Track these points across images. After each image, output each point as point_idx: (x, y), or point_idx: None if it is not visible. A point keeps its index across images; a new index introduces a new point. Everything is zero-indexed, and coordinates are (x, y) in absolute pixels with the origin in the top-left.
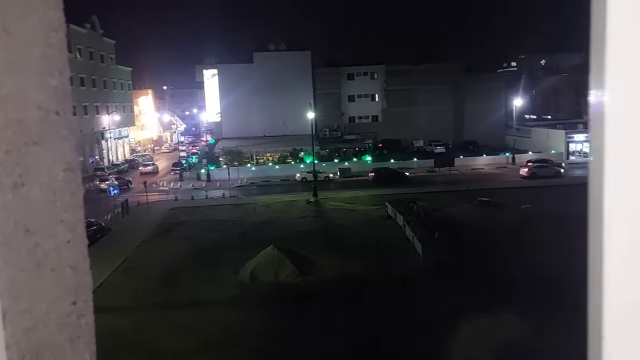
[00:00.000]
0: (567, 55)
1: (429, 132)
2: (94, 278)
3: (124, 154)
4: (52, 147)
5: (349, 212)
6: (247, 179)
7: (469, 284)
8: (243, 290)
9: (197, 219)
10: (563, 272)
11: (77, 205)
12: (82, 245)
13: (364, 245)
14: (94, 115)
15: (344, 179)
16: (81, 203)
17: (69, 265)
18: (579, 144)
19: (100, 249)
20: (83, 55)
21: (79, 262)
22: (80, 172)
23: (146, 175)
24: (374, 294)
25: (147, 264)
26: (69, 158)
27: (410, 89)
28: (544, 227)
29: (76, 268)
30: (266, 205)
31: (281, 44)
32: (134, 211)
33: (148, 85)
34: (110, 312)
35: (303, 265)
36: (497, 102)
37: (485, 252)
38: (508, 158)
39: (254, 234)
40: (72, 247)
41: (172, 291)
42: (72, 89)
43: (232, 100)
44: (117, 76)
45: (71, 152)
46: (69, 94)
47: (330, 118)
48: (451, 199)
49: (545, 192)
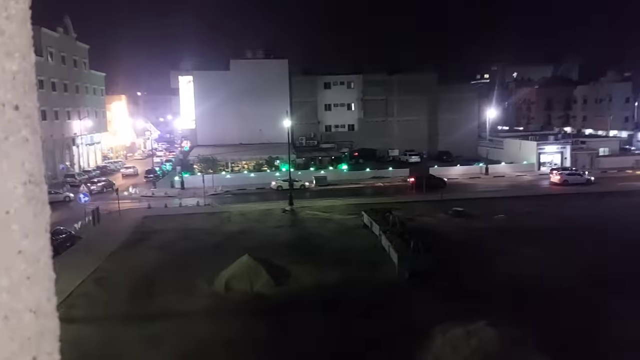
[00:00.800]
0: (538, 67)
1: (404, 141)
2: (63, 288)
3: (95, 160)
4: (7, 153)
5: (325, 221)
6: (222, 187)
7: (443, 294)
8: (217, 300)
9: (171, 228)
10: (532, 284)
11: (41, 229)
12: (47, 282)
13: (340, 255)
14: (65, 120)
15: (320, 188)
16: (46, 226)
17: (28, 309)
18: (549, 155)
19: (70, 258)
20: (55, 59)
21: (42, 303)
22: (46, 183)
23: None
24: (350, 305)
25: (118, 274)
26: (31, 167)
27: (386, 99)
28: (517, 238)
29: (38, 312)
30: (241, 214)
31: (258, 52)
32: (106, 219)
33: (122, 91)
34: (79, 323)
35: (279, 276)
36: (471, 113)
37: (459, 262)
38: (481, 168)
39: (229, 243)
40: (34, 285)
41: (144, 302)
42: (43, 93)
43: (207, 107)
44: (90, 81)
45: (34, 159)
46: (34, 85)
47: (306, 126)
48: (426, 209)
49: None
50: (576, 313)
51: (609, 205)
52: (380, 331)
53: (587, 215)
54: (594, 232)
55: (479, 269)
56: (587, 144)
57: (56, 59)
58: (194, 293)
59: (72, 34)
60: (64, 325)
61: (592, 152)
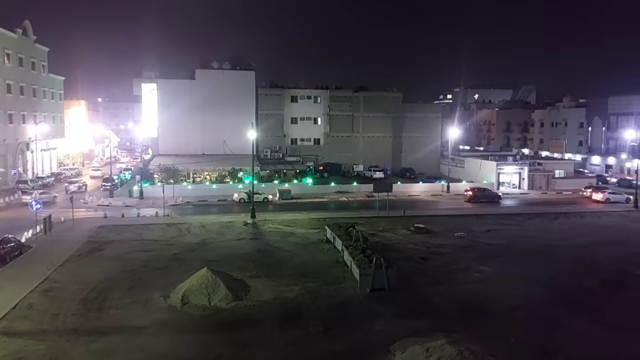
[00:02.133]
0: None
1: (369, 157)
2: (7, 300)
3: (50, 166)
4: None
5: (288, 235)
6: (182, 198)
7: (403, 311)
8: (173, 315)
9: (127, 239)
10: (492, 301)
11: None
12: None
13: (302, 269)
14: (20, 124)
15: (283, 201)
16: None
17: None
18: (508, 175)
19: (18, 267)
20: (12, 60)
21: None
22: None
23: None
24: (310, 321)
25: (69, 285)
26: None
27: (352, 115)
28: (477, 255)
29: None
30: (202, 225)
31: (225, 63)
32: (58, 228)
33: (81, 96)
34: (23, 337)
35: (238, 290)
36: (434, 131)
37: (420, 278)
38: (443, 186)
39: (188, 255)
40: None
41: (95, 315)
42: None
43: (171, 115)
44: (48, 85)
45: None
46: None
47: (272, 139)
48: (389, 224)
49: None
50: (534, 330)
51: (566, 224)
52: (340, 348)
53: (546, 234)
54: (552, 250)
55: (440, 285)
56: (543, 165)
57: (13, 61)
58: (149, 306)
59: (32, 36)
60: (7, 339)
61: (549, 173)
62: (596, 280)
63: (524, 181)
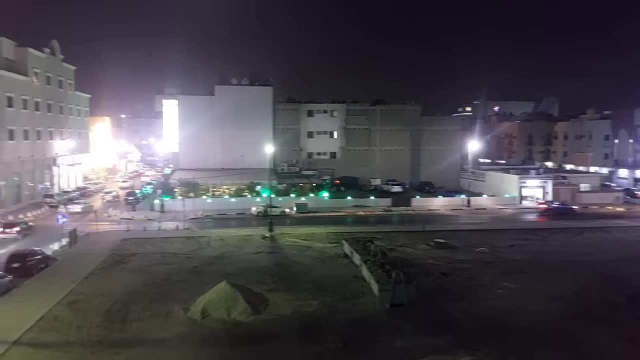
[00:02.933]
0: (520, 103)
1: (387, 171)
2: (34, 312)
3: (75, 181)
4: None
5: (305, 249)
6: (202, 211)
7: (423, 327)
8: (193, 328)
9: (149, 251)
10: (515, 317)
11: None
12: None
13: (320, 284)
14: (47, 140)
15: (300, 215)
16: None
17: None
18: (531, 189)
19: (44, 280)
20: (40, 79)
21: None
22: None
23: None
24: (329, 335)
25: (93, 298)
26: None
27: (369, 129)
28: (500, 270)
29: None
30: (221, 239)
31: (243, 79)
32: (83, 241)
33: (106, 113)
34: (49, 348)
35: (257, 303)
36: (453, 145)
37: (440, 294)
38: (463, 200)
39: (207, 268)
40: None
41: (118, 327)
42: (26, 113)
43: (191, 131)
44: (75, 102)
45: None
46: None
47: (288, 153)
48: (408, 239)
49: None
50: (558, 346)
51: (591, 239)
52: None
53: (570, 249)
54: (577, 265)
55: (461, 301)
56: (568, 179)
57: (41, 79)
58: (170, 319)
59: (59, 55)
60: (34, 350)
61: (574, 187)
62: (622, 296)
63: (547, 195)
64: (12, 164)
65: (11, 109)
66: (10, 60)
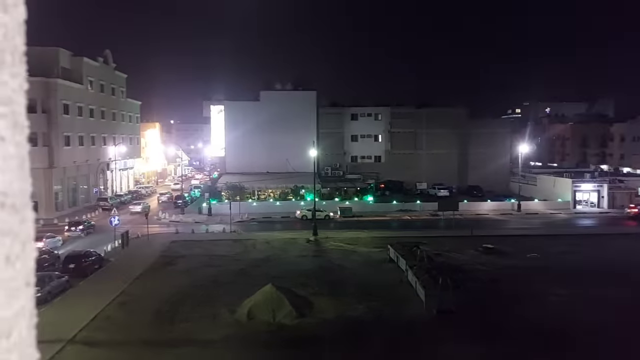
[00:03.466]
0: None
1: (433, 175)
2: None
3: (127, 185)
4: None
5: (350, 253)
6: (248, 215)
7: (472, 334)
8: (239, 329)
9: (197, 254)
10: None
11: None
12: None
13: (365, 288)
14: (101, 146)
15: (344, 219)
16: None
17: None
18: (585, 193)
19: (97, 280)
20: (94, 87)
21: None
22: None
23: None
24: (374, 341)
25: (143, 298)
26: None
27: (414, 132)
28: (552, 278)
29: None
30: (266, 242)
31: (287, 84)
32: (134, 243)
33: (156, 119)
34: (101, 347)
35: (301, 307)
36: (502, 148)
37: (490, 301)
38: (513, 204)
39: (253, 271)
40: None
41: (166, 328)
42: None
43: (237, 136)
44: (127, 109)
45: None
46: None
47: (332, 157)
48: (455, 244)
49: None
50: (615, 356)
51: None
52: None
53: (628, 256)
54: (635, 273)
55: (511, 308)
56: (625, 182)
57: (95, 87)
58: (216, 320)
59: (112, 64)
60: (87, 348)
61: (631, 191)
62: None
63: (603, 199)
64: (68, 168)
65: (67, 116)
66: (67, 69)
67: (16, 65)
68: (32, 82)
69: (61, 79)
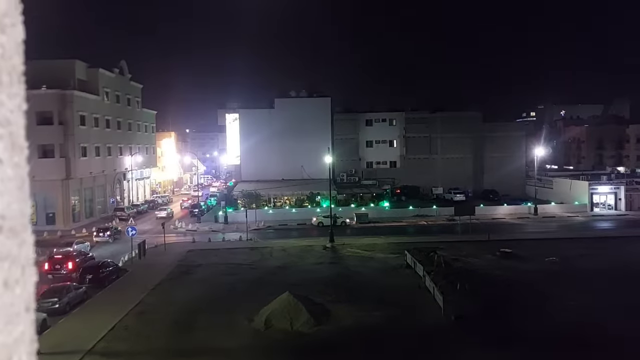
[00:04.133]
0: (587, 106)
1: (448, 179)
2: (107, 321)
3: (144, 194)
4: None
5: (367, 259)
6: (264, 222)
7: (491, 340)
8: (257, 338)
9: (214, 262)
10: (590, 332)
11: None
12: None
13: (383, 295)
14: (117, 156)
15: (361, 225)
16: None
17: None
18: (602, 196)
19: (115, 290)
20: (110, 98)
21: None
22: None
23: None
24: (393, 348)
25: (161, 308)
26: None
27: (429, 137)
28: (571, 282)
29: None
30: (282, 249)
31: (302, 91)
32: (151, 253)
33: (171, 128)
34: (120, 357)
35: (319, 314)
36: (518, 151)
37: (508, 306)
38: (530, 208)
39: (270, 279)
40: None
41: (184, 337)
42: (97, 130)
43: (252, 143)
44: (142, 119)
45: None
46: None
47: (348, 163)
48: (472, 249)
49: None
50: None
51: None
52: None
53: None
54: None
55: (530, 314)
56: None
57: (111, 98)
58: (234, 329)
59: (127, 74)
60: (106, 359)
61: None
62: None
63: (620, 202)
64: (85, 179)
65: (83, 127)
66: (83, 81)
67: (14, 86)
68: (49, 94)
69: (77, 90)
